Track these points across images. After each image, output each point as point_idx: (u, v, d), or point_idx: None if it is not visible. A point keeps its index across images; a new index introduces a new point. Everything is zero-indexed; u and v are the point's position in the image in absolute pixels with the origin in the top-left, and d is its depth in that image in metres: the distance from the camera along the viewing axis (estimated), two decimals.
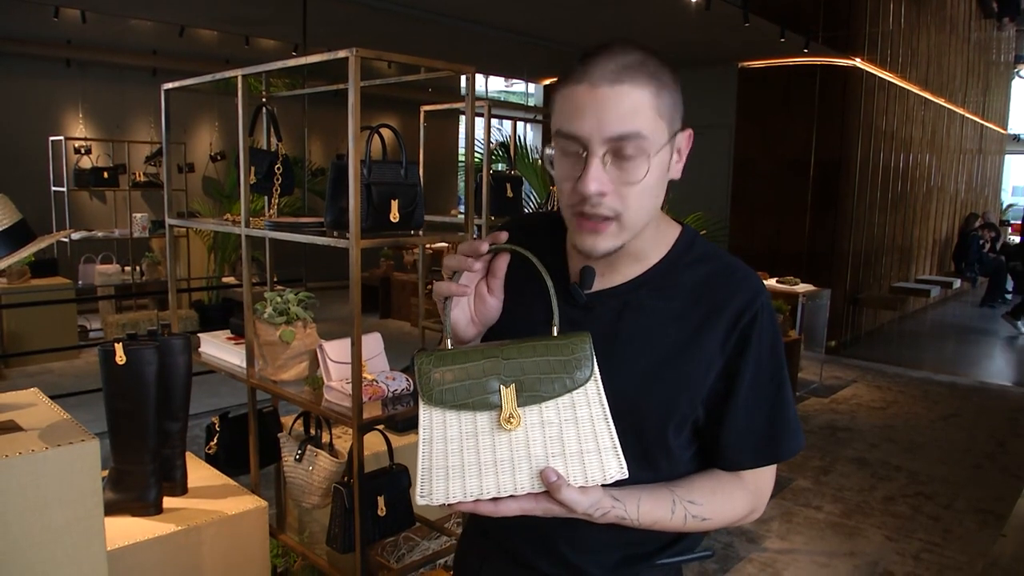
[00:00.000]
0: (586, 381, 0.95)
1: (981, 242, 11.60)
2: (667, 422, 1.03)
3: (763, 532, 3.64)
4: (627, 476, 0.91)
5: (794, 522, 3.78)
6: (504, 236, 1.01)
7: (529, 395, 0.93)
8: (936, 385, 6.67)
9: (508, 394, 0.93)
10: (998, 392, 6.60)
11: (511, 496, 0.91)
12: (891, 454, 4.81)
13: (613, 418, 0.94)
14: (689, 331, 1.04)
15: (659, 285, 1.07)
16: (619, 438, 0.93)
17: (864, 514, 3.91)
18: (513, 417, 0.92)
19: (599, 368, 0.96)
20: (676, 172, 1.04)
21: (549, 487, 0.89)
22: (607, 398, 0.95)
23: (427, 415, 0.94)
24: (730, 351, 1.04)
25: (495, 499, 0.91)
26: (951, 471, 4.57)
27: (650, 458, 1.05)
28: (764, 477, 1.11)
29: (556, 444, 0.92)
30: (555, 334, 0.99)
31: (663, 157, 0.99)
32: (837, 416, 5.57)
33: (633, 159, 0.96)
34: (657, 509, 1.01)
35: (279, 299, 2.44)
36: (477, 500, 0.91)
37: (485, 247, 1.00)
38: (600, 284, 1.08)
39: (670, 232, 1.11)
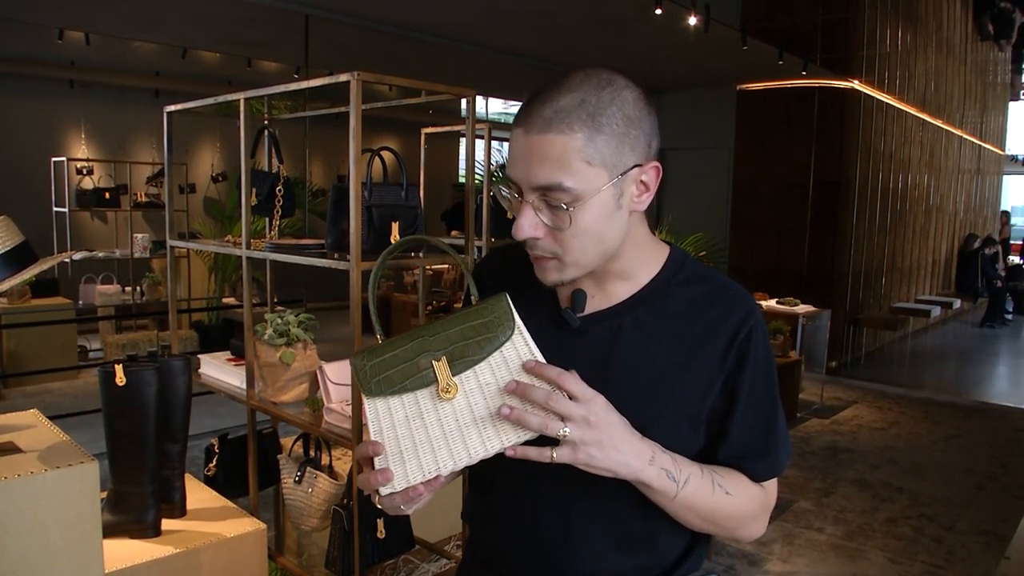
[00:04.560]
0: (511, 335, 0.97)
1: (989, 251, 11.60)
2: (670, 445, 1.03)
3: (765, 555, 3.62)
4: None
5: (796, 544, 3.75)
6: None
7: (461, 363, 0.95)
8: (937, 406, 6.65)
9: (440, 367, 0.95)
10: (999, 412, 6.58)
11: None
12: (893, 475, 4.79)
13: None
14: (685, 351, 1.04)
15: (652, 305, 1.07)
16: None
17: (866, 536, 3.89)
18: (450, 387, 0.94)
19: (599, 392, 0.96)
20: (640, 205, 1.01)
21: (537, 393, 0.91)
22: None
23: (372, 408, 0.96)
24: (729, 367, 1.05)
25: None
26: (953, 492, 4.55)
27: None
28: (771, 486, 1.12)
29: (498, 401, 0.93)
30: (474, 303, 1.02)
31: (603, 199, 0.96)
32: (838, 437, 5.55)
33: (559, 208, 0.96)
34: (691, 464, 1.02)
35: (279, 320, 2.45)
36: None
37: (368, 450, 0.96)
38: (592, 306, 1.08)
39: (658, 252, 1.11)
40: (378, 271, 1.09)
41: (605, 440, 0.92)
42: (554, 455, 0.91)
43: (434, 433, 0.93)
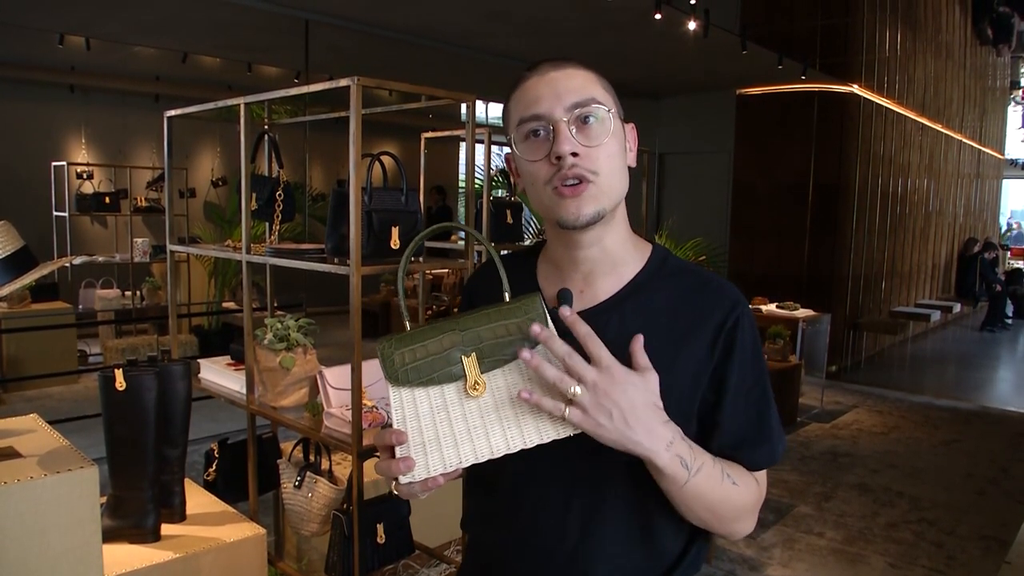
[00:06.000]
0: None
1: (989, 256, 11.59)
2: None
3: (765, 559, 3.62)
4: None
5: (796, 549, 3.75)
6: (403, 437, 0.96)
7: (490, 361, 0.95)
8: (937, 410, 6.65)
9: (470, 363, 0.95)
10: (1000, 417, 6.58)
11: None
12: (893, 480, 4.79)
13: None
14: (673, 346, 1.05)
15: (637, 301, 1.08)
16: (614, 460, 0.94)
17: (866, 541, 3.88)
18: (479, 384, 0.94)
19: None
20: (631, 160, 1.10)
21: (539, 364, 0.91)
22: None
23: (396, 396, 0.96)
24: (717, 357, 1.05)
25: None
26: (954, 497, 4.54)
27: (650, 479, 1.03)
28: (763, 479, 1.12)
29: (524, 403, 0.93)
30: (507, 299, 1.01)
31: (618, 127, 1.06)
32: (838, 442, 5.55)
33: (594, 123, 1.03)
34: (704, 453, 1.02)
35: (279, 325, 2.44)
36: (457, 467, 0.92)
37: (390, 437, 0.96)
38: (579, 304, 1.09)
39: (641, 249, 1.14)
40: (409, 254, 1.09)
41: (616, 412, 0.92)
42: (566, 412, 0.91)
43: (458, 427, 0.93)
